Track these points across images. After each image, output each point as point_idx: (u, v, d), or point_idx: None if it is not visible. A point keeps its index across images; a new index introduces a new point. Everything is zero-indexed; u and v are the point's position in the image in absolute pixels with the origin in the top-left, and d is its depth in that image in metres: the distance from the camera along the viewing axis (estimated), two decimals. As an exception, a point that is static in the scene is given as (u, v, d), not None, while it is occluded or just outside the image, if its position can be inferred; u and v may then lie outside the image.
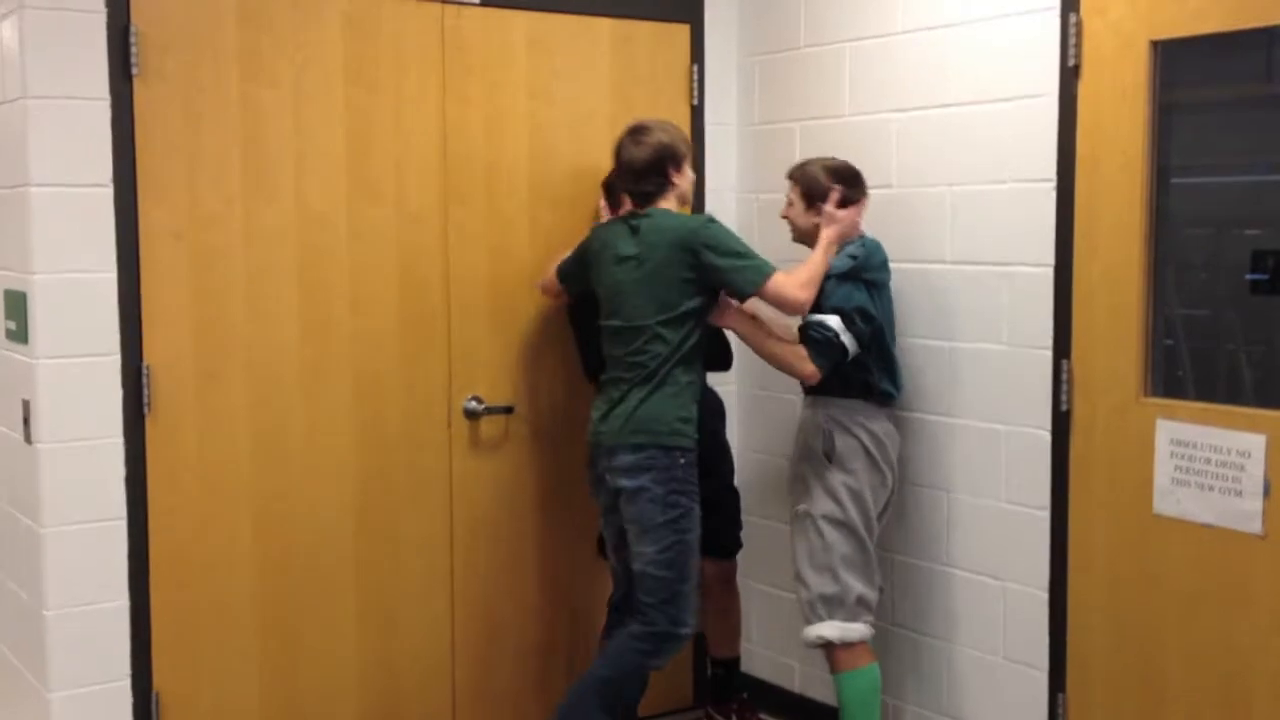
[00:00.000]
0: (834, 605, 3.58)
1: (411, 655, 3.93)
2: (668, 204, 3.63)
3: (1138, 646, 3.31)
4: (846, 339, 3.53)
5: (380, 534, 3.85)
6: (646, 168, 3.59)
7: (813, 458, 3.68)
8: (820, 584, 3.60)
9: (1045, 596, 3.50)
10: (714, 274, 3.52)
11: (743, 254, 3.53)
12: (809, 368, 3.55)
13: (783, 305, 3.56)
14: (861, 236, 3.70)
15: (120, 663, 3.49)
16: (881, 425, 3.69)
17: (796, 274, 3.56)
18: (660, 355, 3.52)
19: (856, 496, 3.62)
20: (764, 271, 3.51)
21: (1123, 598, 3.33)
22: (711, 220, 3.61)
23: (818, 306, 3.56)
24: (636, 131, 3.62)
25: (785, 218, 3.78)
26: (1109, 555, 3.35)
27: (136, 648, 3.50)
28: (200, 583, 3.59)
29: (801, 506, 3.69)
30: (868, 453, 3.65)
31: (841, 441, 3.63)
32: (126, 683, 3.50)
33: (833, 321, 3.53)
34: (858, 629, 3.59)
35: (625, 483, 3.55)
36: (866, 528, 3.63)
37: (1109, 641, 3.37)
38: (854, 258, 3.62)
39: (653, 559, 3.54)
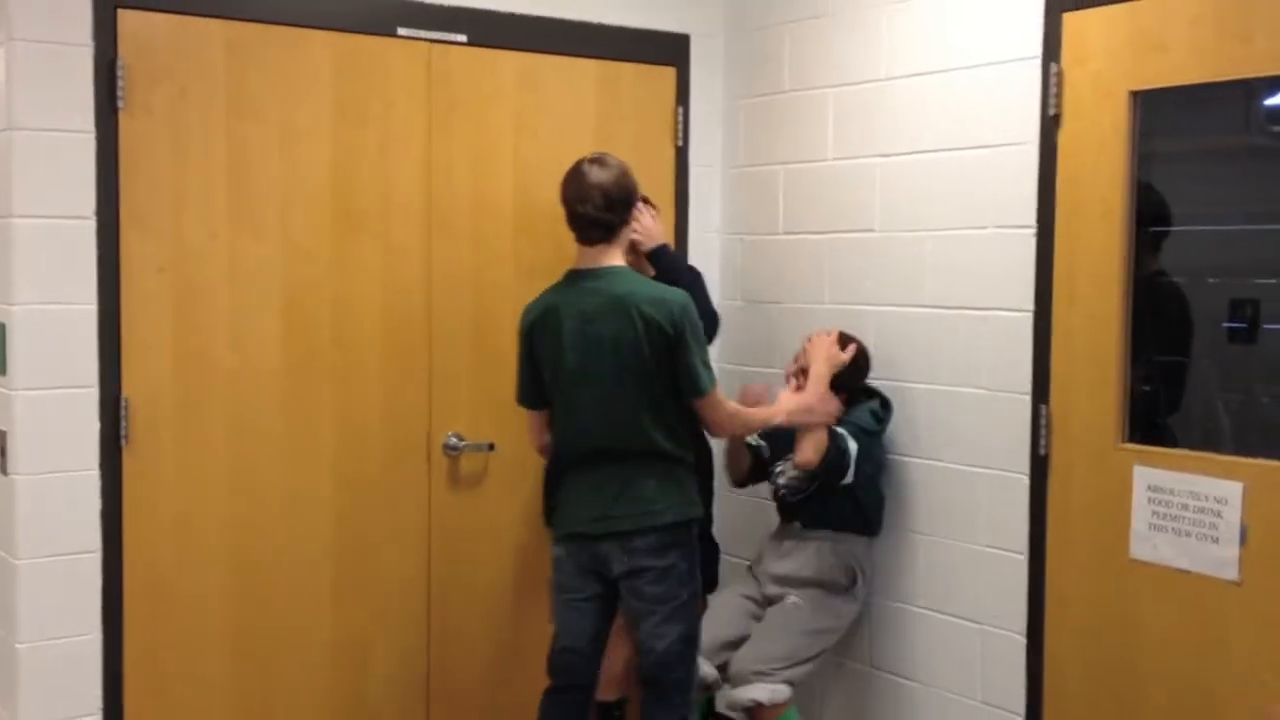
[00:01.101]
0: (772, 677, 3.66)
1: (387, 691, 3.91)
2: (617, 257, 3.45)
3: (1115, 691, 3.30)
4: (849, 466, 3.69)
5: (357, 568, 3.84)
6: (616, 193, 3.40)
7: (829, 586, 3.80)
8: (784, 672, 3.66)
9: (1023, 640, 3.50)
10: (678, 358, 3.36)
11: (703, 351, 3.43)
12: (813, 457, 3.61)
13: (709, 422, 3.51)
14: (882, 397, 3.82)
15: (93, 696, 3.46)
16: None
17: (745, 412, 3.61)
18: (662, 432, 3.41)
19: (849, 621, 3.84)
20: (712, 380, 3.44)
21: (1100, 642, 3.33)
22: (689, 303, 3.42)
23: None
24: (596, 158, 3.45)
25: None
26: (1086, 599, 3.36)
27: (109, 681, 3.48)
28: (175, 616, 3.57)
29: (794, 600, 3.79)
30: (868, 585, 3.86)
31: (861, 577, 3.81)
32: (99, 717, 3.47)
33: (852, 446, 3.67)
34: (784, 690, 3.66)
35: (652, 562, 3.40)
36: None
37: (1086, 686, 3.37)
38: (879, 420, 3.77)
39: (682, 635, 3.46)
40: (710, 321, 3.75)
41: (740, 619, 3.87)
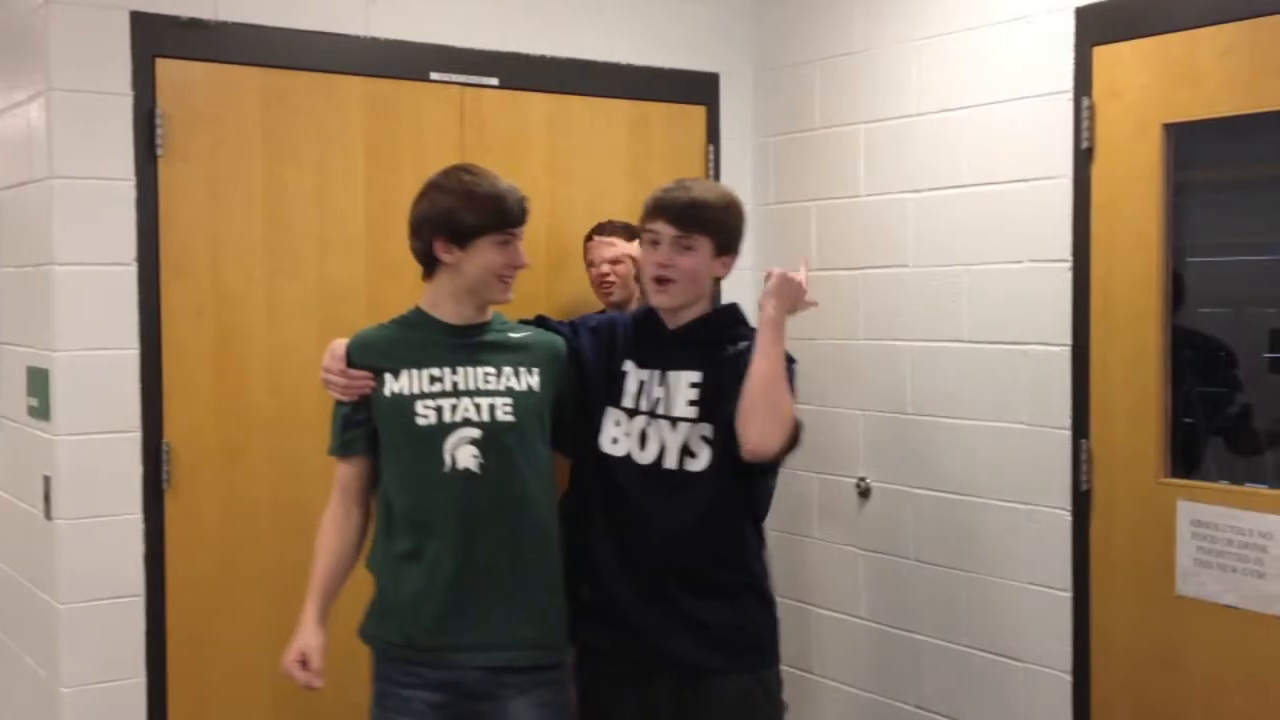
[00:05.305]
0: None
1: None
2: None
3: (1162, 730, 3.27)
4: None
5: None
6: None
7: None
8: None
9: (1069, 679, 3.46)
10: None
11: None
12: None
13: None
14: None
15: (135, 742, 3.47)
16: None
17: None
18: None
19: None
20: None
21: (1146, 680, 3.30)
22: None
23: None
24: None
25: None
26: (1131, 637, 3.32)
27: (151, 726, 3.49)
28: (218, 661, 3.58)
29: None
30: None
31: None
32: (141, 762, 3.48)
33: None
34: None
35: None
36: None
37: (1132, 725, 3.34)
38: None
39: None
40: None
41: None
